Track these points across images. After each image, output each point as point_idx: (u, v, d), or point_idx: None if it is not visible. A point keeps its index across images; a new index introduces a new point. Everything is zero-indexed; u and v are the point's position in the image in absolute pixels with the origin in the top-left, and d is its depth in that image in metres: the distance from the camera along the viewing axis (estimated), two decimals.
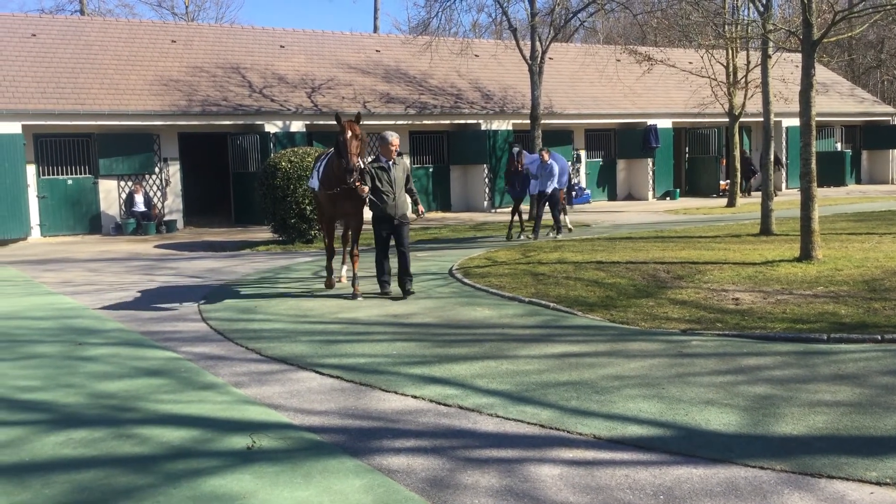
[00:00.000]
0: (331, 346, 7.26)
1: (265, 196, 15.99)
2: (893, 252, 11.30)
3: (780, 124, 28.58)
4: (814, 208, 10.94)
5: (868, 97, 35.60)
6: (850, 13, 12.09)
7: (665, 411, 5.17)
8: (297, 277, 11.85)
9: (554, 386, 5.81)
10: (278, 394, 5.84)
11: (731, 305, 8.36)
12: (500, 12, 22.44)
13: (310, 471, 4.38)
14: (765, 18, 14.68)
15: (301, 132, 22.04)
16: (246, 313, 9.03)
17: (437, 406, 5.44)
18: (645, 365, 6.29)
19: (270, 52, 25.16)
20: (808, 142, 11.13)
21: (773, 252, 11.87)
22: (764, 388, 5.55)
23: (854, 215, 18.26)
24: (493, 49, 27.87)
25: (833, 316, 7.60)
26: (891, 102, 45.02)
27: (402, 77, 25.78)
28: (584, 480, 4.17)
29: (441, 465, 4.42)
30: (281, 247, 16.03)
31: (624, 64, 25.90)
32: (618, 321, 7.99)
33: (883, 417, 4.88)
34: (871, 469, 4.14)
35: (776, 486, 4.01)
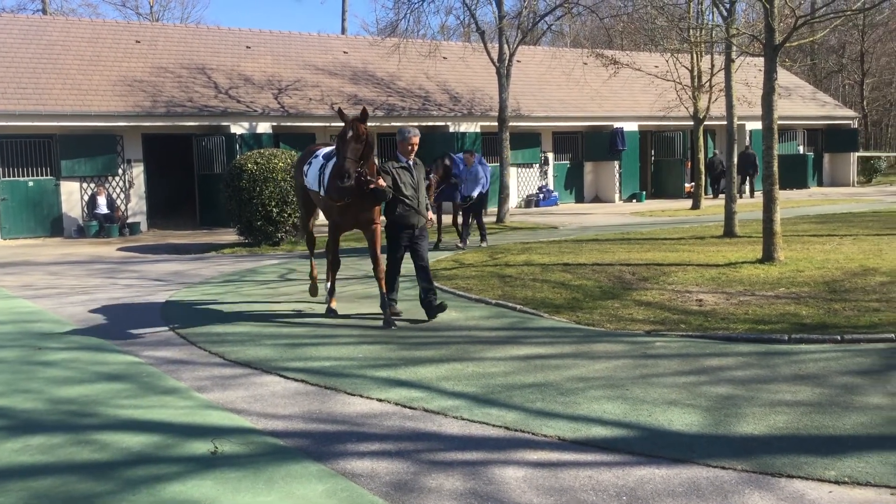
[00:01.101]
0: (296, 350, 7.20)
1: (231, 198, 15.84)
2: (854, 254, 11.50)
3: (744, 127, 28.97)
4: (776, 210, 11.10)
5: (830, 101, 36.23)
6: (811, 18, 12.29)
7: (629, 412, 5.19)
8: (263, 280, 11.75)
9: (519, 388, 5.81)
10: (241, 398, 5.77)
11: (695, 307, 8.44)
12: (468, 15, 22.49)
13: (272, 476, 4.34)
14: (728, 23, 14.88)
15: (268, 133, 21.87)
16: (209, 317, 8.93)
17: (403, 409, 5.42)
18: (610, 366, 6.33)
19: (236, 52, 24.95)
20: (770, 145, 11.29)
21: (736, 254, 12.02)
22: (726, 389, 5.61)
23: (816, 217, 18.56)
24: (461, 51, 27.91)
25: (794, 317, 7.71)
26: (852, 106, 45.88)
27: (369, 79, 25.71)
28: (549, 482, 4.17)
29: (405, 468, 4.40)
30: (247, 249, 15.89)
31: (591, 67, 26.09)
32: (583, 323, 8.03)
33: (842, 417, 4.95)
34: (829, 468, 4.19)
35: (737, 485, 4.05)
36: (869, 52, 49.06)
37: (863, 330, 7.04)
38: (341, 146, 7.87)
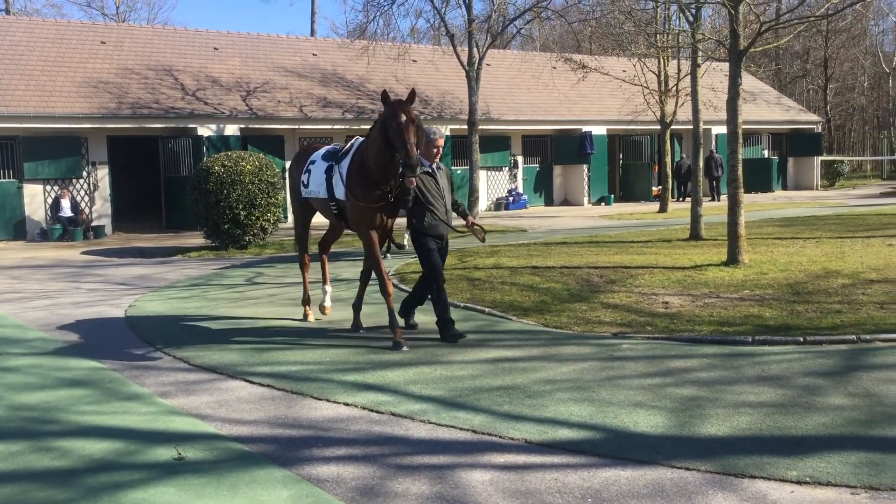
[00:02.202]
0: (262, 354, 7.14)
1: (197, 201, 15.68)
2: (817, 256, 11.68)
3: (710, 132, 29.33)
4: (740, 214, 11.24)
5: (794, 106, 36.81)
6: (775, 24, 12.47)
7: (595, 414, 5.22)
8: (230, 284, 11.64)
9: (487, 391, 5.82)
10: (206, 404, 5.71)
11: (661, 309, 8.51)
12: (438, 18, 22.53)
13: (236, 482, 4.29)
14: (694, 28, 15.05)
15: (235, 136, 21.70)
16: (175, 321, 8.82)
17: (370, 413, 5.39)
18: (577, 369, 6.36)
19: (204, 54, 24.73)
20: (734, 149, 11.43)
21: (702, 256, 12.16)
22: (691, 390, 5.66)
23: (780, 220, 18.83)
24: (430, 55, 27.94)
25: (758, 318, 7.81)
26: (815, 111, 46.65)
27: (339, 81, 25.62)
28: (515, 485, 4.18)
29: (371, 473, 4.37)
30: (214, 253, 15.74)
31: (560, 71, 26.25)
32: (551, 325, 8.05)
33: (804, 417, 5.02)
34: (791, 468, 4.24)
35: (701, 486, 4.08)
36: (832, 57, 49.94)
37: (825, 331, 7.15)
38: (400, 132, 6.79)
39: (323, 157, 8.02)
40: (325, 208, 8.05)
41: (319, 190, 7.93)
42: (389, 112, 6.95)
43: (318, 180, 7.92)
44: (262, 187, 15.59)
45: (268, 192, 15.72)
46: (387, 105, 7.01)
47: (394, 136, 6.87)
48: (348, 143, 7.80)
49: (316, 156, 8.14)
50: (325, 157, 7.98)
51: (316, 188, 8.00)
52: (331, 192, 7.74)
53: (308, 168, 8.16)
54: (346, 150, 7.70)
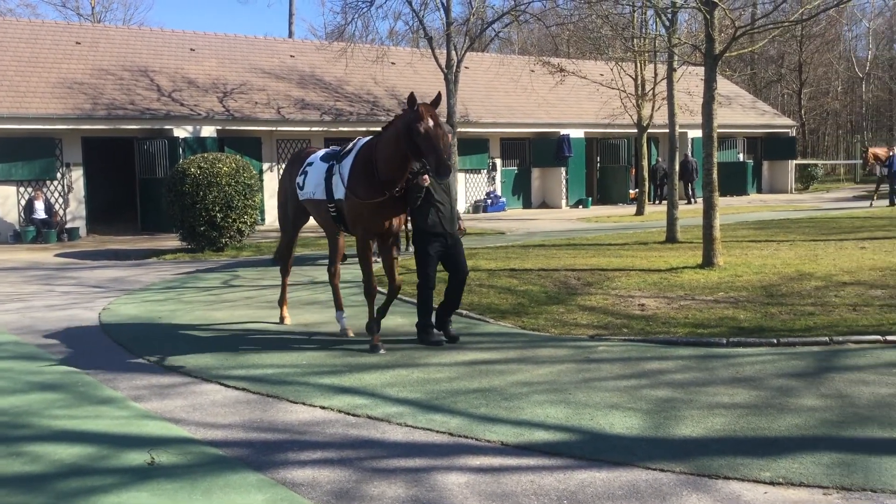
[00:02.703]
0: (237, 357, 7.09)
1: (173, 203, 15.55)
2: (790, 259, 11.81)
3: (686, 135, 29.56)
4: (715, 217, 11.34)
5: (769, 110, 37.22)
6: (750, 29, 12.60)
7: (571, 416, 5.24)
8: (206, 287, 11.55)
9: (464, 393, 5.81)
10: (180, 407, 5.66)
11: (637, 311, 8.56)
12: (417, 21, 22.52)
13: (210, 487, 4.25)
14: (670, 33, 15.18)
15: (212, 137, 21.56)
16: (149, 324, 8.74)
17: (346, 416, 5.37)
18: (553, 371, 6.37)
19: (180, 55, 24.55)
20: (709, 152, 11.53)
21: (678, 259, 12.25)
22: (666, 392, 5.70)
23: (754, 223, 19.02)
24: (409, 57, 27.93)
25: (732, 320, 7.87)
26: (790, 115, 47.17)
27: (317, 83, 25.54)
28: (491, 487, 4.18)
29: (347, 476, 4.35)
30: (189, 255, 15.61)
31: (538, 75, 26.35)
32: (529, 328, 8.08)
33: (777, 419, 5.07)
34: (765, 469, 4.28)
35: (675, 487, 4.11)
36: (807, 62, 50.53)
37: (798, 333, 7.22)
38: (429, 138, 6.55)
39: (322, 158, 7.78)
40: (322, 211, 7.72)
41: (316, 191, 7.63)
42: (415, 115, 6.64)
43: (316, 181, 7.65)
44: (238, 189, 15.49)
45: (245, 194, 15.62)
46: (413, 108, 6.70)
47: (422, 142, 6.58)
48: (350, 144, 7.55)
49: (313, 158, 7.91)
50: (325, 158, 7.74)
51: (313, 189, 7.70)
52: (329, 194, 7.47)
53: (305, 170, 7.88)
54: (348, 149, 7.47)
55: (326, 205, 7.55)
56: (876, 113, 58.28)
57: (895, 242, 13.47)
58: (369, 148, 7.21)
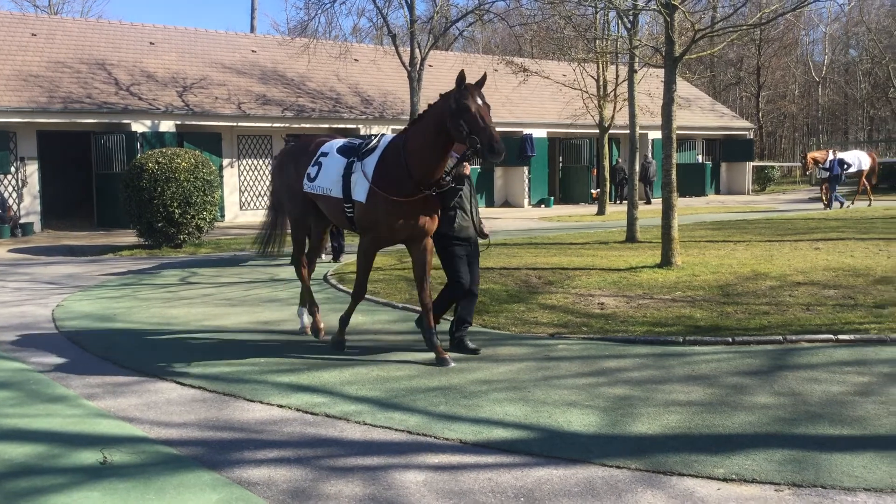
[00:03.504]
0: (194, 355, 6.99)
1: (130, 198, 15.30)
2: (746, 259, 12.00)
3: (647, 136, 29.89)
4: (674, 217, 11.47)
5: (728, 112, 37.80)
6: (709, 32, 12.77)
7: (530, 414, 5.26)
8: (163, 284, 11.39)
9: (423, 392, 5.81)
10: (134, 406, 5.56)
11: (597, 310, 8.63)
12: (381, 18, 22.44)
13: (164, 486, 4.19)
14: (631, 35, 15.32)
15: (171, 132, 21.25)
16: (104, 321, 8.59)
17: (304, 415, 5.33)
18: (513, 369, 6.40)
19: (139, 48, 24.16)
20: (668, 153, 11.67)
21: (637, 258, 12.37)
22: (623, 390, 5.75)
23: (712, 224, 19.29)
24: (372, 54, 27.83)
25: (689, 319, 7.98)
26: (748, 118, 47.98)
27: (279, 79, 25.32)
28: (448, 485, 4.17)
29: (304, 475, 4.32)
30: (147, 252, 15.38)
31: (501, 74, 26.39)
32: (489, 326, 8.09)
33: (731, 416, 5.14)
34: (718, 466, 4.34)
35: (631, 484, 4.14)
36: (765, 66, 51.46)
37: (753, 332, 7.34)
38: (478, 116, 6.10)
39: (340, 151, 7.07)
40: (334, 210, 7.07)
41: (333, 188, 6.93)
42: (464, 93, 6.15)
43: (333, 177, 6.93)
44: (197, 185, 15.29)
45: (204, 190, 15.43)
46: (461, 86, 6.21)
47: (471, 120, 6.09)
48: (373, 140, 6.93)
49: (328, 148, 7.20)
50: (343, 151, 7.04)
51: (328, 185, 6.98)
52: (347, 192, 6.81)
53: (319, 161, 7.15)
54: (373, 146, 6.83)
55: (343, 204, 6.88)
56: (831, 116, 59.59)
57: (848, 244, 13.76)
58: (399, 141, 6.69)
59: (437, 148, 6.45)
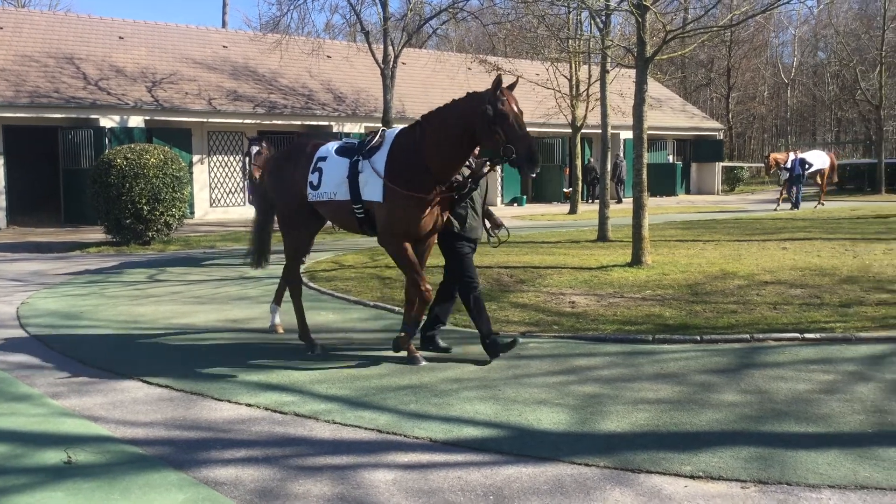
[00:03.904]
0: (161, 354, 6.91)
1: (98, 194, 15.10)
2: (715, 258, 12.12)
3: (619, 136, 30.10)
4: (644, 216, 11.56)
5: (698, 113, 38.17)
6: (681, 33, 12.87)
7: (500, 412, 5.26)
8: (130, 281, 11.24)
9: (394, 390, 5.79)
10: (100, 405, 5.48)
11: (568, 308, 8.66)
12: (354, 14, 22.33)
13: (129, 486, 4.13)
14: (604, 35, 15.41)
15: (140, 128, 21.01)
16: (70, 319, 8.46)
17: (272, 414, 5.28)
18: (484, 367, 6.40)
19: (108, 43, 23.85)
20: (639, 153, 11.75)
21: (608, 257, 12.45)
22: (593, 388, 5.78)
23: (682, 223, 19.47)
24: (345, 51, 27.71)
25: (658, 318, 8.03)
26: (718, 118, 48.49)
27: (250, 75, 25.13)
28: (418, 484, 4.16)
29: (272, 475, 4.28)
30: (114, 248, 15.19)
31: (475, 72, 26.40)
32: (461, 325, 8.08)
33: (698, 414, 5.18)
34: (686, 463, 4.37)
35: (599, 482, 4.16)
36: (735, 67, 52.04)
37: (720, 331, 7.41)
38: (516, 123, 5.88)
39: (338, 152, 6.76)
40: (341, 213, 6.75)
41: (338, 191, 6.59)
42: (500, 98, 5.89)
43: (337, 179, 6.60)
44: (166, 181, 15.13)
45: (173, 186, 15.27)
46: (497, 89, 5.92)
47: (509, 128, 5.84)
48: (375, 137, 6.60)
49: (325, 152, 6.86)
50: (342, 152, 6.74)
51: (333, 189, 6.64)
52: (355, 194, 6.51)
53: (318, 166, 6.78)
54: (376, 143, 6.52)
55: (351, 206, 6.57)
56: (800, 118, 60.46)
57: (815, 243, 13.96)
58: (412, 136, 6.38)
59: (462, 147, 6.19)
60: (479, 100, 6.01)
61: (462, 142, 6.16)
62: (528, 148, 5.82)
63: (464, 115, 6.08)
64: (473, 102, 6.06)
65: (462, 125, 6.08)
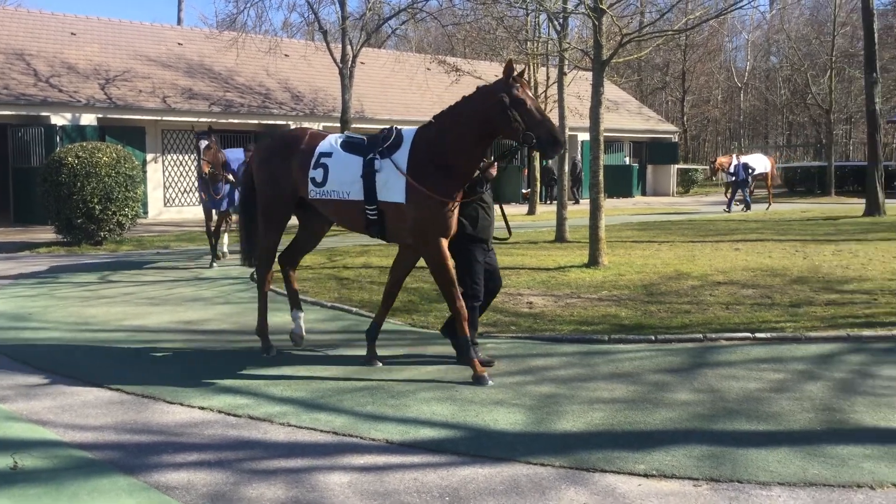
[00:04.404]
0: (112, 356, 6.78)
1: (48, 194, 14.77)
2: (670, 259, 12.29)
3: (576, 138, 30.34)
4: (601, 217, 11.67)
5: (654, 116, 38.68)
6: (636, 37, 13.03)
7: (457, 413, 5.26)
8: (82, 282, 11.01)
9: (350, 392, 5.75)
10: (48, 409, 5.35)
11: (526, 309, 8.70)
12: (312, 13, 22.18)
13: (77, 491, 4.04)
14: (561, 37, 15.52)
15: (92, 126, 20.60)
16: (18, 321, 8.25)
17: (226, 417, 5.21)
18: (441, 368, 6.39)
19: (60, 39, 23.34)
20: (596, 155, 11.86)
21: (566, 258, 12.54)
22: (549, 388, 5.81)
23: (638, 225, 19.71)
24: (303, 50, 27.50)
25: (614, 318, 8.11)
26: (673, 121, 49.18)
27: (206, 72, 24.80)
28: (373, 486, 4.14)
29: (225, 478, 4.22)
30: (65, 249, 14.86)
31: (434, 73, 26.45)
32: (418, 325, 8.08)
33: (652, 413, 5.24)
34: (640, 462, 4.41)
35: (554, 481, 4.18)
36: (690, 71, 52.84)
37: (674, 330, 7.51)
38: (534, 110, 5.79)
39: (345, 147, 6.38)
40: (350, 213, 6.39)
41: (350, 190, 6.23)
42: (513, 85, 5.78)
43: (348, 178, 6.23)
44: (119, 180, 14.85)
45: (126, 185, 15.00)
46: (510, 76, 5.81)
47: (527, 114, 5.74)
48: (391, 133, 6.28)
49: (328, 147, 6.44)
50: (349, 148, 6.37)
51: (344, 188, 6.26)
52: (370, 195, 6.18)
53: (321, 162, 6.38)
54: (394, 140, 6.20)
55: (363, 206, 6.24)
56: (752, 121, 61.62)
57: (766, 245, 14.23)
58: (429, 135, 6.16)
59: (481, 144, 6.11)
60: (494, 90, 5.89)
61: (482, 138, 6.06)
62: (548, 132, 5.74)
63: (481, 109, 5.94)
64: (488, 94, 5.93)
65: (479, 119, 5.95)
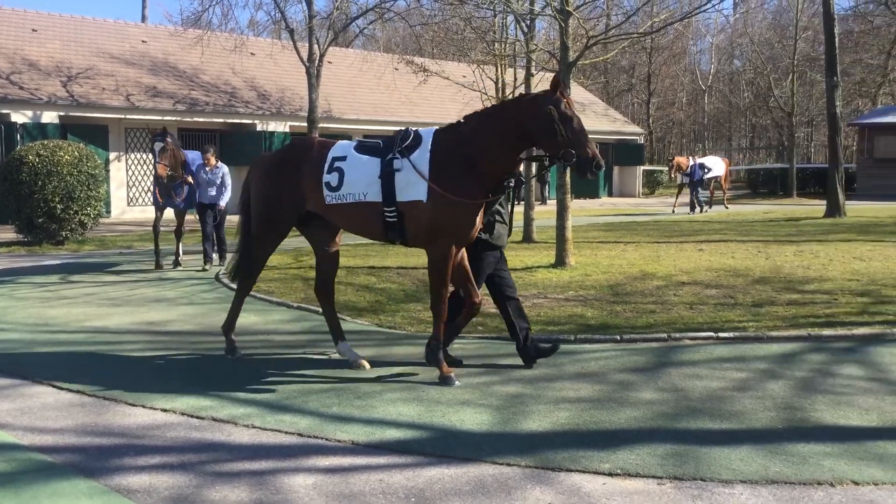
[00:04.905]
0: (73, 358, 6.66)
1: (8, 192, 14.50)
2: (635, 259, 12.40)
3: None
4: (568, 218, 11.74)
5: (620, 117, 39.03)
6: (602, 39, 13.13)
7: (423, 414, 5.25)
8: (42, 282, 10.81)
9: (316, 393, 5.71)
10: (6, 411, 5.24)
11: (493, 309, 8.68)
12: (278, 11, 22.03)
13: (36, 495, 3.96)
14: (528, 39, 15.59)
15: (54, 124, 20.26)
16: None
17: (189, 419, 5.15)
18: (408, 369, 6.37)
19: (20, 35, 22.92)
20: None
21: (533, 258, 12.60)
22: (515, 388, 5.82)
23: (605, 225, 19.86)
24: (269, 48, 27.29)
25: (581, 318, 8.16)
26: (639, 123, 49.66)
27: (171, 70, 24.51)
28: (339, 488, 4.11)
29: (187, 481, 4.17)
30: (26, 248, 14.60)
31: (402, 73, 26.38)
32: (385, 326, 8.06)
33: (617, 412, 5.28)
34: (604, 461, 4.44)
35: (520, 481, 4.19)
36: (655, 73, 53.41)
37: (640, 330, 7.58)
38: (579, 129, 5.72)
39: (360, 150, 6.27)
40: (365, 217, 6.21)
41: (368, 192, 6.08)
42: (560, 101, 5.72)
43: (366, 179, 6.09)
44: (81, 179, 14.63)
45: (88, 184, 14.77)
46: (556, 91, 5.76)
47: (572, 132, 5.67)
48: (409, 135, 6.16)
49: (342, 151, 6.31)
50: (364, 150, 6.25)
51: (361, 189, 6.11)
52: (389, 196, 6.05)
53: (335, 166, 6.22)
54: (412, 141, 6.11)
55: (382, 208, 6.09)
56: (716, 123, 62.45)
57: (730, 245, 14.42)
58: (454, 137, 6.08)
59: (515, 151, 6.02)
60: (540, 101, 5.81)
61: (517, 146, 5.99)
62: (593, 154, 5.67)
63: (520, 119, 5.87)
64: (533, 104, 5.86)
65: (517, 127, 5.87)
